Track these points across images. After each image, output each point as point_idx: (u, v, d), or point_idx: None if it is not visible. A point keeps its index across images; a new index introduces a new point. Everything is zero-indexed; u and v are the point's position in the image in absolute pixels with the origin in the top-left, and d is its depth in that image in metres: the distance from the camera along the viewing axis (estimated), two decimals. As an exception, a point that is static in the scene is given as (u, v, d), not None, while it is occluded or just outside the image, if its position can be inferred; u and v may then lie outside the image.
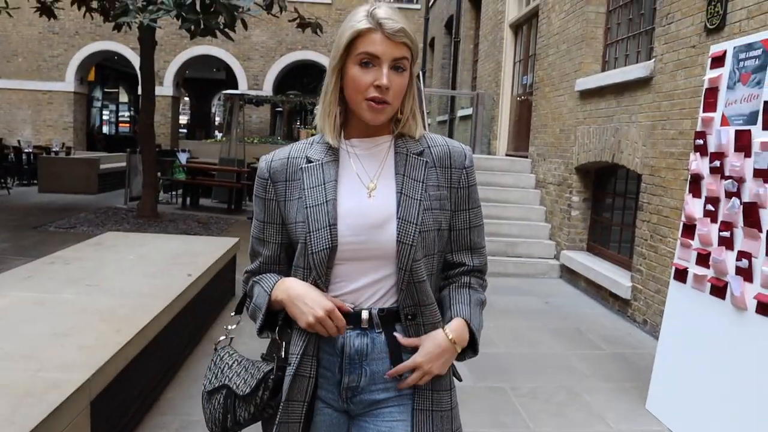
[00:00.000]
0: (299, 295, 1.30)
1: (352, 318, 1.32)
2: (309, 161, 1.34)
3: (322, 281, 1.31)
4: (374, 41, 1.24)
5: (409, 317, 1.32)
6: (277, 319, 1.37)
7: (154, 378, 3.28)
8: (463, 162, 1.38)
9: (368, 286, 1.33)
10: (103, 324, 2.93)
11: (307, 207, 1.31)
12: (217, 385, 1.39)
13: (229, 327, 1.50)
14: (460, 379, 1.44)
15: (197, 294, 4.08)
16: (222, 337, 1.49)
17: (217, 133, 29.85)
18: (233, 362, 1.41)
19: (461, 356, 1.38)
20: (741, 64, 3.15)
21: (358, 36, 1.24)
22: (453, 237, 1.40)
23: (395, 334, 1.33)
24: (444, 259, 1.41)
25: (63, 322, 2.92)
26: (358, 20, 1.25)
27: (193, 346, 4.13)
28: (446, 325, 1.35)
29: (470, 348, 1.38)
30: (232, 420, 1.37)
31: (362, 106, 1.27)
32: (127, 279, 3.86)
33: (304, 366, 1.32)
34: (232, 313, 1.48)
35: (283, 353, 1.35)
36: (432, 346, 1.31)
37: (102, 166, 13.73)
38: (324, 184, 1.32)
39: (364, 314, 1.32)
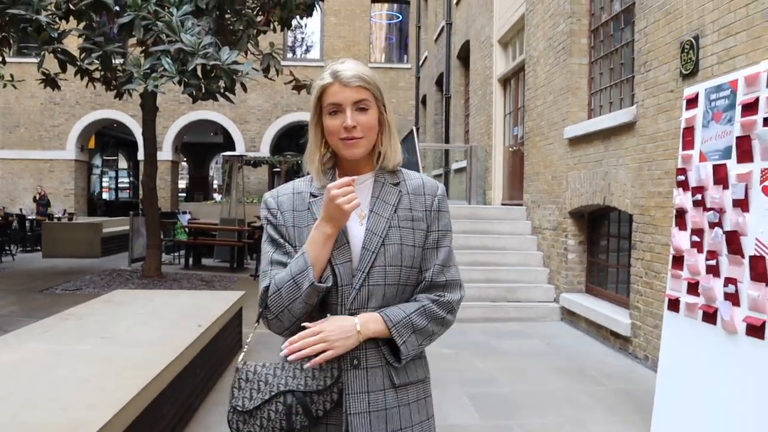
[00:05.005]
0: (317, 226, 1.43)
1: None
2: (314, 196, 1.53)
3: (345, 288, 1.45)
4: (335, 92, 1.45)
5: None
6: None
7: (170, 424, 3.37)
8: (435, 191, 1.55)
9: None
10: (121, 370, 3.05)
11: None
12: (268, 396, 1.42)
13: (247, 342, 1.61)
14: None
15: (207, 344, 4.19)
16: (242, 354, 1.53)
17: (215, 195, 30.20)
18: (274, 369, 1.45)
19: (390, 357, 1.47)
20: (713, 104, 3.38)
21: (323, 91, 1.47)
22: (423, 255, 1.51)
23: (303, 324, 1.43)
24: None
25: (83, 369, 3.03)
26: (322, 78, 1.48)
27: (203, 396, 4.22)
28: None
29: (392, 353, 1.47)
30: (304, 419, 1.42)
31: (339, 146, 1.47)
32: (140, 331, 3.98)
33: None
34: (255, 324, 1.56)
35: None
36: (334, 318, 1.43)
37: (105, 230, 13.93)
38: None
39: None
